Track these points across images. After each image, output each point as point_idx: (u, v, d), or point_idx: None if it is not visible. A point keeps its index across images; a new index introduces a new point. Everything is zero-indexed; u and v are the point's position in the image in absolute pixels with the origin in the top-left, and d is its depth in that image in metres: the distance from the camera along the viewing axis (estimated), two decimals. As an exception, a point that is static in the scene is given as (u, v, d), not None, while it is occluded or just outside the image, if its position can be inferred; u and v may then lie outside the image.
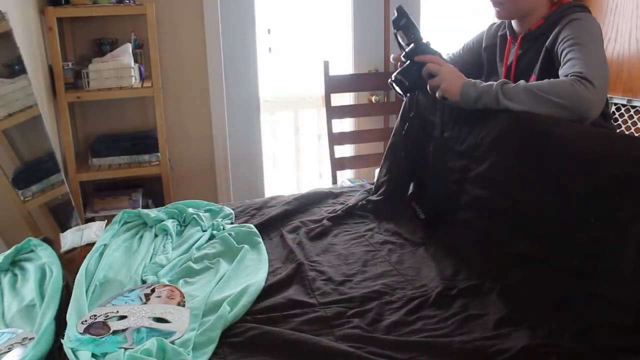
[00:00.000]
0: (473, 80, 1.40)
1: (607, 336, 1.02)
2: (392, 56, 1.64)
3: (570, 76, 1.29)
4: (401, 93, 1.57)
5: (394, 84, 1.55)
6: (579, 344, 1.02)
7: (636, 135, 2.63)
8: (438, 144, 1.55)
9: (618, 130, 2.63)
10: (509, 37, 1.60)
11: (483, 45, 1.70)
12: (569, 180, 1.19)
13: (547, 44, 1.45)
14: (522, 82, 1.33)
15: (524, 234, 1.26)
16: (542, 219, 1.23)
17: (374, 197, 1.74)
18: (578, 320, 1.08)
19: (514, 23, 1.59)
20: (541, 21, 1.50)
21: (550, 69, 1.43)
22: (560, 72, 1.36)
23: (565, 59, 1.36)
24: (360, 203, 1.72)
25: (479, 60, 1.73)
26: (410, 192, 1.59)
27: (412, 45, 1.51)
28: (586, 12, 1.46)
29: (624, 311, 1.02)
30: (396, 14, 1.50)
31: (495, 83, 1.35)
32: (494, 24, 1.70)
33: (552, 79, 1.32)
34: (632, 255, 1.03)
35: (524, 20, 1.54)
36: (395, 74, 1.54)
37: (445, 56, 1.56)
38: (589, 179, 1.15)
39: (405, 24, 1.49)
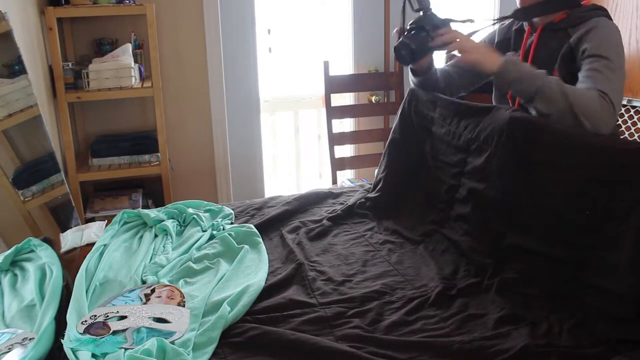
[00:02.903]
0: (513, 59, 1.41)
1: (607, 328, 1.03)
2: (395, 29, 1.63)
3: (599, 94, 1.30)
4: (406, 58, 1.54)
5: (399, 49, 1.54)
6: (578, 338, 1.02)
7: (636, 135, 2.63)
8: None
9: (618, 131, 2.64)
10: (527, 28, 1.60)
11: (496, 41, 1.69)
12: (562, 171, 1.20)
13: (571, 41, 1.45)
14: (558, 83, 1.32)
15: (520, 226, 1.27)
16: (536, 210, 1.25)
17: (372, 194, 1.74)
18: (577, 312, 1.08)
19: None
20: (564, 15, 1.49)
21: (570, 67, 1.43)
22: (580, 78, 1.37)
23: (589, 68, 1.36)
24: (359, 201, 1.72)
25: None
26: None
27: (421, 12, 1.51)
28: (610, 18, 1.47)
29: (622, 302, 1.03)
30: None
31: (536, 74, 1.35)
32: (504, 24, 1.69)
33: (583, 89, 1.33)
34: (629, 246, 1.04)
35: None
36: (401, 38, 1.53)
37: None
38: (583, 169, 1.16)
39: None
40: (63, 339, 1.02)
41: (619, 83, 1.34)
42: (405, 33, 1.55)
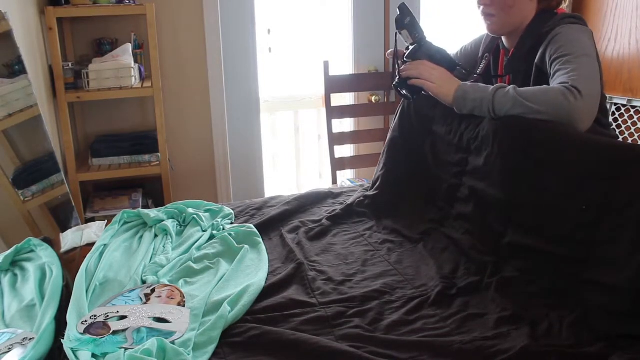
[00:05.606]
0: (464, 89, 1.39)
1: (606, 323, 1.03)
2: (388, 52, 1.62)
3: (559, 85, 1.27)
4: (409, 95, 1.55)
5: (397, 89, 1.54)
6: (578, 336, 1.02)
7: (636, 135, 2.63)
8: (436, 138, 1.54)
9: (618, 131, 2.64)
10: (501, 50, 1.60)
11: (480, 54, 1.70)
12: (559, 168, 1.21)
13: (536, 61, 1.43)
14: (511, 90, 1.32)
15: (520, 224, 1.28)
16: (535, 208, 1.25)
17: (370, 192, 1.75)
18: (576, 309, 1.08)
19: (504, 39, 1.58)
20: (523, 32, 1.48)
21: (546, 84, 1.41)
22: (551, 84, 1.35)
23: (554, 71, 1.34)
24: (357, 200, 1.72)
25: (474, 65, 1.72)
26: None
27: (415, 45, 1.49)
28: (578, 22, 1.43)
29: (621, 297, 1.03)
30: (399, 13, 1.48)
31: (485, 95, 1.35)
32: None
33: (542, 86, 1.31)
34: (627, 240, 1.04)
35: (514, 35, 1.52)
36: (397, 78, 1.52)
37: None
38: (581, 165, 1.17)
39: (409, 23, 1.48)
40: (63, 339, 1.02)
41: (585, 70, 1.29)
42: (400, 63, 1.53)
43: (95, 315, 1.10)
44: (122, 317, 1.10)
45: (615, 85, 2.68)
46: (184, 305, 1.16)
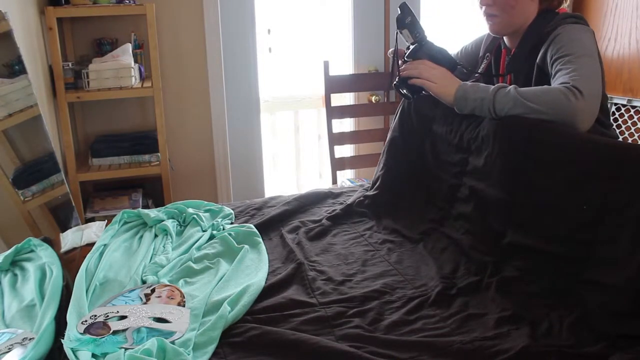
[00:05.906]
0: (464, 89, 1.39)
1: (606, 323, 1.03)
2: (389, 51, 1.62)
3: (560, 85, 1.27)
4: (409, 95, 1.54)
5: (397, 88, 1.54)
6: (578, 336, 1.03)
7: (636, 135, 2.63)
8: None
9: (618, 131, 2.64)
10: (503, 50, 1.60)
11: (480, 53, 1.70)
12: (559, 168, 1.21)
13: (537, 61, 1.43)
14: (512, 90, 1.32)
15: (520, 224, 1.28)
16: (536, 208, 1.25)
17: (370, 192, 1.75)
18: (577, 309, 1.09)
19: (505, 38, 1.58)
20: (526, 31, 1.48)
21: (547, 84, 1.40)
22: (552, 84, 1.35)
23: (555, 71, 1.34)
24: (357, 200, 1.72)
25: (475, 65, 1.72)
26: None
27: (416, 44, 1.49)
28: (579, 22, 1.43)
29: (621, 297, 1.04)
30: (400, 12, 1.48)
31: (485, 95, 1.34)
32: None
33: (543, 87, 1.31)
34: (627, 240, 1.04)
35: (515, 35, 1.52)
36: (397, 78, 1.52)
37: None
38: (580, 165, 1.17)
39: (410, 22, 1.47)
40: (63, 339, 1.02)
41: (586, 70, 1.29)
42: (401, 63, 1.53)
43: (95, 315, 1.10)
44: (122, 317, 1.10)
45: (615, 85, 2.69)
46: (184, 305, 1.16)
